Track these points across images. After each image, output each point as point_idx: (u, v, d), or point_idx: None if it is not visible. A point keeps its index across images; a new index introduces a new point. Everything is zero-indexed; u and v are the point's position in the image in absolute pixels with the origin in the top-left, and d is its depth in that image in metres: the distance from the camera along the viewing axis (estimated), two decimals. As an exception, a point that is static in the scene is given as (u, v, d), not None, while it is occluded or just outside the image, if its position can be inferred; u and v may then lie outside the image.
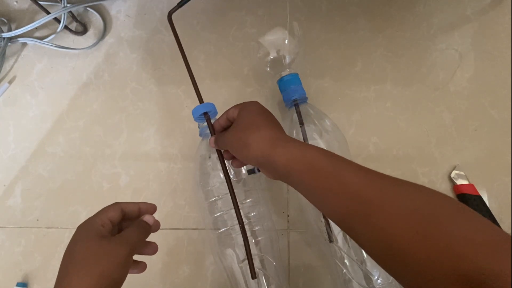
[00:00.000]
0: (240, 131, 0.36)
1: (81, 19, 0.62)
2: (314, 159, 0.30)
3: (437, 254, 0.23)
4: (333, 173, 0.29)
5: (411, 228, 0.24)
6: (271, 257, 0.46)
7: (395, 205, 0.26)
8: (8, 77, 0.62)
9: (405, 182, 0.27)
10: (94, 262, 0.30)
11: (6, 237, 0.55)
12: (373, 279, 0.43)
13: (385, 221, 0.25)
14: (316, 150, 0.31)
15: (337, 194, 0.28)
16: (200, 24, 0.60)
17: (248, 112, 0.38)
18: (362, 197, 0.27)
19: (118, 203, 0.36)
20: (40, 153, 0.58)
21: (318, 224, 0.46)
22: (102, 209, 0.35)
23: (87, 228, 0.33)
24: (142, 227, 0.36)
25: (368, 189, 0.27)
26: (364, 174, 0.28)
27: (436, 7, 0.57)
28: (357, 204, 0.27)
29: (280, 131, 0.36)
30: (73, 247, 0.32)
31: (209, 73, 0.57)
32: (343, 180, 0.28)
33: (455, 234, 0.23)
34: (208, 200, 0.47)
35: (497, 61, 0.54)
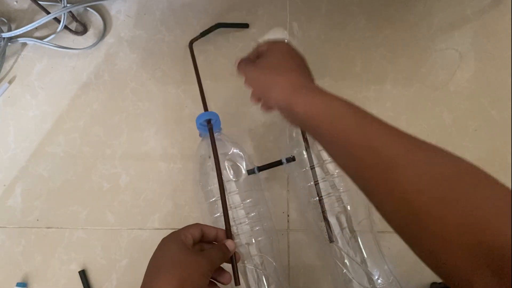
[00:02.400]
0: (264, 72, 0.35)
1: (81, 19, 0.62)
2: (338, 114, 0.29)
3: (460, 220, 0.22)
4: (357, 130, 0.28)
5: (436, 191, 0.23)
6: (271, 257, 0.46)
7: (421, 166, 0.25)
8: (8, 77, 0.62)
9: (434, 146, 0.26)
10: (180, 268, 0.32)
11: (6, 237, 0.55)
12: (373, 279, 0.43)
13: (409, 179, 0.25)
14: (340, 104, 0.30)
15: (359, 148, 0.27)
16: (200, 24, 0.60)
17: (276, 53, 0.36)
18: (386, 152, 0.26)
19: (199, 224, 0.38)
20: (40, 153, 0.58)
21: (318, 224, 0.46)
22: (185, 226, 0.37)
23: (173, 239, 0.35)
24: (222, 250, 0.36)
25: (394, 146, 0.26)
26: (391, 130, 0.27)
27: (436, 7, 0.57)
28: (380, 159, 0.26)
29: (306, 77, 0.35)
30: (162, 253, 0.34)
31: (209, 73, 0.57)
32: (368, 136, 0.27)
33: (480, 203, 0.22)
34: (208, 200, 0.47)
35: (497, 61, 0.54)
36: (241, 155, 0.48)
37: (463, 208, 0.22)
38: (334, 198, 0.45)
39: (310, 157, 0.45)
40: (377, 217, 0.48)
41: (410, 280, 0.47)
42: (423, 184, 0.24)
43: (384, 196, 0.26)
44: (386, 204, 0.26)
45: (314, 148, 0.46)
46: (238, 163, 0.48)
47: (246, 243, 0.46)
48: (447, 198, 0.23)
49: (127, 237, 0.53)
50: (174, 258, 0.33)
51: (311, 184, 0.45)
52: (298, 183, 0.49)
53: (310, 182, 0.46)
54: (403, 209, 0.25)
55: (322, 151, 0.47)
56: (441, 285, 0.45)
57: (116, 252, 0.53)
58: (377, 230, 0.47)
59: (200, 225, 0.37)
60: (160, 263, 0.34)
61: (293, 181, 0.52)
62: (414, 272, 0.48)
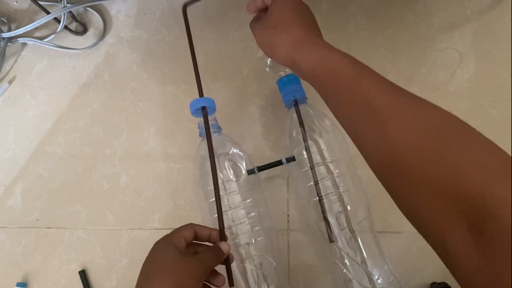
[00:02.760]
0: (269, 28, 0.35)
1: (81, 19, 0.62)
2: (337, 65, 0.30)
3: (441, 171, 0.23)
4: (354, 80, 0.29)
5: (420, 144, 0.24)
6: (271, 257, 0.46)
7: (410, 120, 0.26)
8: (8, 77, 0.62)
9: (424, 100, 0.27)
10: (173, 272, 0.32)
11: (6, 237, 0.55)
12: (373, 279, 0.43)
13: (395, 132, 0.26)
14: (341, 56, 0.31)
15: (352, 100, 0.28)
16: (200, 24, 0.60)
17: (281, 7, 0.36)
18: (378, 107, 0.27)
19: (192, 224, 0.37)
20: (40, 153, 0.58)
21: (318, 224, 0.46)
22: (177, 228, 0.36)
23: (165, 243, 0.35)
24: (216, 253, 0.36)
25: (384, 99, 0.27)
26: (384, 84, 0.28)
27: (436, 7, 0.57)
28: (371, 113, 0.27)
29: (311, 32, 0.34)
30: (154, 258, 0.34)
31: (209, 73, 0.57)
32: (361, 87, 0.28)
33: (462, 155, 0.23)
34: (208, 200, 0.47)
35: (497, 61, 0.54)
36: (241, 155, 0.48)
37: (445, 160, 0.23)
38: (334, 198, 0.45)
39: (310, 157, 0.45)
40: (377, 217, 0.48)
41: (410, 280, 0.47)
42: (409, 139, 0.25)
43: (373, 148, 0.27)
44: (374, 156, 0.28)
45: (314, 148, 0.46)
46: (238, 163, 0.48)
47: (246, 243, 0.46)
48: (431, 151, 0.24)
49: (127, 237, 0.53)
50: (167, 263, 0.33)
51: (311, 184, 0.45)
52: (298, 183, 0.49)
53: (310, 182, 0.46)
54: (388, 162, 0.26)
55: (322, 151, 0.47)
56: (441, 284, 0.45)
57: (116, 252, 0.53)
58: (377, 230, 0.47)
59: (193, 226, 0.37)
60: (152, 268, 0.33)
61: (293, 181, 0.52)
62: (414, 272, 0.48)
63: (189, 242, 0.36)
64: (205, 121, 0.41)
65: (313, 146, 0.46)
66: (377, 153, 0.27)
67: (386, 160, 0.26)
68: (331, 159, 0.46)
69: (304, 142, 0.46)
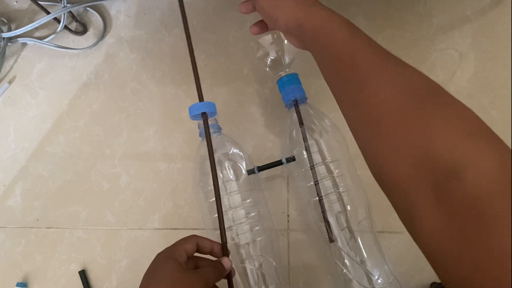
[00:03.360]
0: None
1: (81, 19, 0.62)
2: (335, 26, 0.31)
3: (412, 130, 0.23)
4: (348, 43, 0.30)
5: (394, 102, 0.25)
6: (271, 257, 0.46)
7: (387, 79, 0.27)
8: (8, 77, 0.62)
9: (407, 64, 0.28)
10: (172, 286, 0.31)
11: (6, 237, 0.55)
12: (373, 279, 0.43)
13: (373, 90, 0.26)
14: (340, 18, 0.32)
15: (343, 60, 0.29)
16: (200, 24, 0.60)
17: None
18: (365, 68, 0.28)
19: (195, 236, 0.37)
20: (40, 153, 0.58)
21: (318, 224, 0.46)
22: (180, 240, 0.36)
23: (166, 256, 0.34)
24: (218, 269, 0.36)
25: (369, 60, 0.28)
26: (373, 47, 0.29)
27: (436, 7, 0.57)
28: (354, 69, 0.28)
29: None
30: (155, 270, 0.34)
31: (209, 73, 0.57)
32: (353, 50, 0.29)
33: (434, 116, 0.23)
34: (208, 200, 0.47)
35: (497, 61, 0.54)
36: (241, 155, 0.48)
37: (418, 120, 0.23)
38: (334, 198, 0.45)
39: (310, 157, 0.45)
40: (377, 217, 0.48)
41: (410, 280, 0.47)
42: (386, 96, 0.26)
43: (351, 103, 0.29)
44: (351, 110, 0.29)
45: (314, 148, 0.46)
46: (238, 163, 0.48)
47: (246, 243, 0.46)
48: (405, 111, 0.24)
49: (127, 237, 0.53)
50: (167, 276, 0.32)
51: (311, 184, 0.45)
52: (298, 183, 0.49)
53: (310, 182, 0.46)
54: (364, 116, 0.27)
55: (322, 150, 0.47)
56: (441, 284, 0.45)
57: (116, 252, 0.53)
58: (377, 230, 0.47)
59: (195, 238, 0.37)
60: (153, 280, 0.33)
61: (293, 181, 0.52)
62: (414, 272, 0.48)
63: (190, 255, 0.36)
64: (205, 126, 0.41)
65: (313, 146, 0.46)
66: (354, 107, 0.28)
67: (361, 114, 0.27)
68: (331, 159, 0.46)
69: (304, 142, 0.46)
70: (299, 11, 0.33)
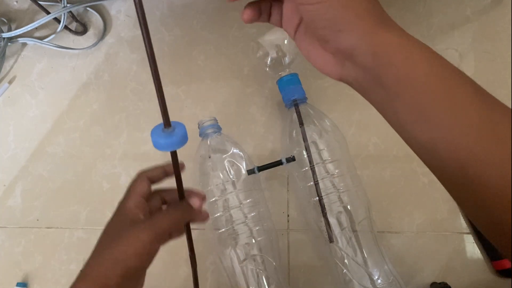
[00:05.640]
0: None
1: (81, 19, 0.62)
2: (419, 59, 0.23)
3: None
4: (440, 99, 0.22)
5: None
6: (271, 257, 0.46)
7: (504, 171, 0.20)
8: (8, 77, 0.62)
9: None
10: (110, 248, 0.29)
11: (6, 237, 0.55)
12: (373, 279, 0.43)
13: (489, 186, 0.20)
14: (422, 47, 0.24)
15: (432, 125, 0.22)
16: (200, 24, 0.60)
17: None
18: (465, 144, 0.21)
19: (143, 173, 0.34)
20: (40, 153, 0.58)
21: (318, 224, 0.46)
22: (130, 186, 0.33)
23: (119, 213, 0.32)
24: (180, 212, 0.32)
25: (477, 139, 0.21)
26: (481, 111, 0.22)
27: (436, 7, 0.57)
28: (456, 152, 0.21)
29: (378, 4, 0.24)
30: (103, 232, 0.32)
31: (209, 73, 0.57)
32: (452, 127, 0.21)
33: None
34: (208, 201, 0.47)
35: (497, 61, 0.54)
36: (241, 155, 0.48)
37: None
38: (334, 198, 0.45)
39: (310, 157, 0.45)
40: (377, 217, 0.48)
41: (410, 280, 0.47)
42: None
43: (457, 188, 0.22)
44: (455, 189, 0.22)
45: (314, 148, 0.46)
46: (238, 163, 0.48)
47: (246, 243, 0.46)
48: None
49: (127, 237, 0.53)
50: (108, 236, 0.31)
51: (311, 184, 0.45)
52: (298, 183, 0.49)
53: (310, 182, 0.46)
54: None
55: (322, 151, 0.47)
56: (441, 284, 0.45)
57: (116, 252, 0.53)
58: (377, 230, 0.47)
59: (144, 174, 0.34)
60: (98, 241, 0.31)
61: (293, 181, 0.52)
62: (414, 272, 0.48)
63: (147, 196, 0.33)
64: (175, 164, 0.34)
65: (313, 146, 0.46)
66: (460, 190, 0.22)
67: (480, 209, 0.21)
68: (331, 159, 0.46)
69: (304, 142, 0.46)
70: (375, 34, 0.23)
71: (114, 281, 0.28)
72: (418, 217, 0.49)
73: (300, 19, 0.28)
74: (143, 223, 0.31)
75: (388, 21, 0.24)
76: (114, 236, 0.30)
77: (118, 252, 0.29)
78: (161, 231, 0.30)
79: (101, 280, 0.28)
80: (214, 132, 0.48)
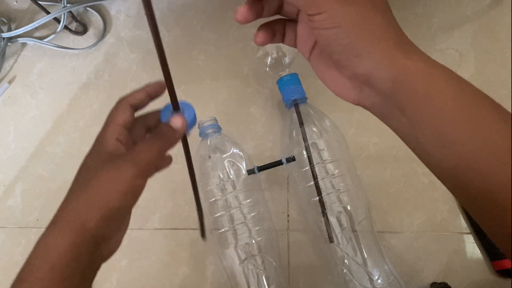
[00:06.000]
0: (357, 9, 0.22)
1: (81, 19, 0.62)
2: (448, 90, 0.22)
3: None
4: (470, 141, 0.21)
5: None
6: (271, 257, 0.46)
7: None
8: (8, 77, 0.62)
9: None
10: (88, 188, 0.25)
11: (6, 237, 0.55)
12: (373, 279, 0.43)
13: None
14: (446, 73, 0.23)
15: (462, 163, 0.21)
16: (200, 24, 0.60)
17: None
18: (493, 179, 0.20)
19: (124, 100, 0.30)
20: (40, 153, 0.58)
21: (318, 224, 0.46)
22: (110, 114, 0.29)
23: (97, 146, 0.28)
24: (160, 138, 0.28)
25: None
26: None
27: (436, 7, 0.57)
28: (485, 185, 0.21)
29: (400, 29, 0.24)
30: (78, 170, 0.28)
31: (209, 73, 0.57)
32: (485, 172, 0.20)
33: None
34: (208, 201, 0.47)
35: (497, 61, 0.54)
36: (241, 155, 0.48)
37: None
38: (334, 198, 0.45)
39: (310, 157, 0.45)
40: (377, 217, 0.48)
41: (410, 280, 0.47)
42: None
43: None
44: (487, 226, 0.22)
45: (314, 148, 0.46)
46: (238, 163, 0.48)
47: (246, 243, 0.46)
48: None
49: (127, 237, 0.53)
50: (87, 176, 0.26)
51: (311, 184, 0.45)
52: (298, 183, 0.49)
53: (310, 182, 0.46)
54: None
55: (322, 151, 0.47)
56: (441, 285, 0.45)
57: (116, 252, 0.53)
58: (377, 230, 0.47)
59: (125, 100, 0.30)
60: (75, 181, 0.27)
61: (293, 181, 0.52)
62: (414, 272, 0.48)
63: (130, 124, 0.29)
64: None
65: (313, 146, 0.46)
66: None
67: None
68: (331, 159, 0.46)
69: (304, 142, 0.46)
70: (394, 59, 0.22)
71: (94, 225, 0.24)
72: (418, 217, 0.49)
73: (315, 40, 0.26)
74: (124, 157, 0.27)
75: (407, 45, 0.23)
76: (92, 174, 0.26)
77: (98, 192, 0.25)
78: (145, 164, 0.26)
79: (79, 224, 0.24)
80: (214, 132, 0.48)
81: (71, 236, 0.24)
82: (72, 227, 0.24)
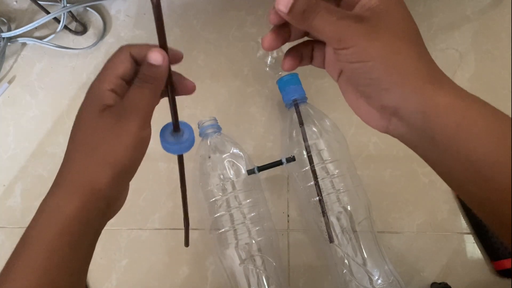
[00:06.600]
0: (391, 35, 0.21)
1: (81, 19, 0.62)
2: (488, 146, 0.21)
3: None
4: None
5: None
6: (271, 257, 0.46)
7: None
8: (8, 77, 0.61)
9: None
10: (96, 146, 0.24)
11: (6, 237, 0.55)
12: (373, 279, 0.43)
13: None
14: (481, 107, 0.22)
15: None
16: (200, 24, 0.60)
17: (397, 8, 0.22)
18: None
19: (126, 48, 0.26)
20: (40, 153, 0.58)
21: (318, 224, 0.46)
22: (108, 62, 0.26)
23: (92, 98, 0.25)
24: (147, 80, 0.25)
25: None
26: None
27: (436, 7, 0.57)
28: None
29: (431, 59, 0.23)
30: (75, 126, 0.26)
31: (209, 73, 0.57)
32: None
33: None
34: (208, 201, 0.47)
35: (497, 61, 0.54)
36: (241, 155, 0.48)
37: None
38: (334, 198, 0.45)
39: (310, 157, 0.45)
40: (377, 217, 0.48)
41: (410, 280, 0.47)
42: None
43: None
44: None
45: (314, 148, 0.46)
46: (238, 163, 0.48)
47: (246, 243, 0.46)
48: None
49: (127, 237, 0.53)
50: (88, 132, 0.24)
51: (311, 184, 0.45)
52: (298, 183, 0.49)
53: (310, 182, 0.46)
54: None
55: (322, 151, 0.47)
56: (441, 285, 0.45)
57: (116, 252, 0.53)
58: (377, 230, 0.47)
59: (127, 49, 0.26)
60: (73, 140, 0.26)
61: (293, 181, 0.52)
62: (414, 272, 0.48)
63: (129, 77, 0.26)
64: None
65: (313, 146, 0.46)
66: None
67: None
68: (331, 159, 0.46)
69: (304, 142, 0.46)
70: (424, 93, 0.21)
71: (105, 185, 0.23)
72: (418, 217, 0.49)
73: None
74: (122, 107, 0.24)
75: (438, 76, 0.22)
76: (92, 131, 0.24)
77: (105, 150, 0.24)
78: (144, 112, 0.25)
79: (88, 186, 0.23)
80: (214, 132, 0.48)
81: (80, 199, 0.23)
82: (81, 189, 0.23)
